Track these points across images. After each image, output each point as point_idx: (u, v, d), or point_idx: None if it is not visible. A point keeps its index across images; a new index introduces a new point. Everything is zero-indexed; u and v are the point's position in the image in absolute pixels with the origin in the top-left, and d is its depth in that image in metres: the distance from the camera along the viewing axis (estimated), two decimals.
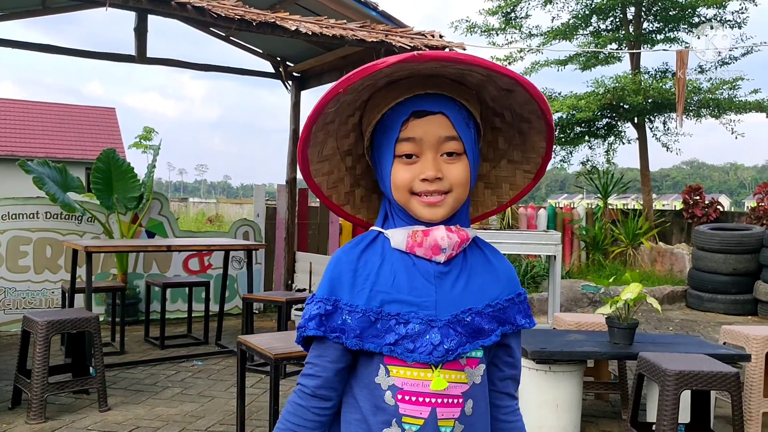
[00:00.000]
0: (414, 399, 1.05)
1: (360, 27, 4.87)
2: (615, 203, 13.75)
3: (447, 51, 0.92)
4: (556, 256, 5.11)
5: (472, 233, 1.11)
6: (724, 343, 3.83)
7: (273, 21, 4.31)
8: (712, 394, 3.17)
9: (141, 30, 5.61)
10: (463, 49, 4.99)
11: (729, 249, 7.92)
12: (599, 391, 4.14)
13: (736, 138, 11.29)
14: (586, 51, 11.89)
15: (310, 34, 4.37)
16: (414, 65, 0.98)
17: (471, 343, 1.07)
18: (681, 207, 10.64)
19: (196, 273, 6.79)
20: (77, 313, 3.94)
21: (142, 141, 21.00)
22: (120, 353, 5.18)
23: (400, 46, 4.74)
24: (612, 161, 12.39)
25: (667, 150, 12.02)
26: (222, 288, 5.71)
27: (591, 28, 12.18)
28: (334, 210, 1.20)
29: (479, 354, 1.10)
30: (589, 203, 13.99)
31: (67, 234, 6.19)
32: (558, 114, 11.09)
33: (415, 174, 1.05)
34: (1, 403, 3.87)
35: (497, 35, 12.57)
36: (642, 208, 11.01)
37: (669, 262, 9.46)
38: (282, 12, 4.77)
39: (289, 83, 7.04)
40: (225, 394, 4.21)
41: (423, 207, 1.06)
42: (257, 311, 6.89)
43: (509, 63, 12.29)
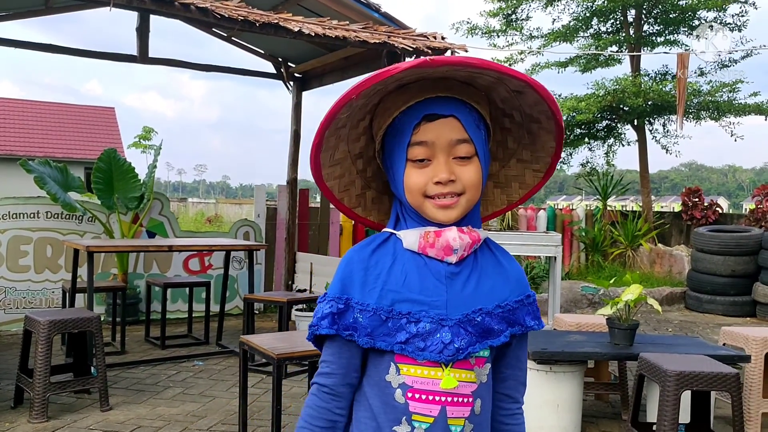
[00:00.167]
0: (424, 397, 1.06)
1: (362, 28, 4.88)
2: (614, 205, 13.78)
3: (457, 55, 0.92)
4: (556, 257, 5.12)
5: (483, 234, 1.12)
6: (723, 344, 3.84)
7: (276, 22, 4.32)
8: (712, 394, 3.19)
9: (143, 30, 5.62)
10: (466, 51, 5.01)
11: (728, 251, 7.94)
12: (599, 392, 4.15)
13: (735, 140, 11.33)
14: (586, 53, 11.92)
15: (313, 35, 4.38)
16: (425, 69, 0.99)
17: (480, 343, 1.08)
18: (680, 209, 10.67)
19: (196, 273, 6.79)
20: (79, 313, 3.95)
21: (141, 141, 21.00)
22: (120, 353, 5.18)
23: (402, 47, 4.75)
24: (612, 163, 12.42)
25: (667, 152, 12.06)
26: (223, 288, 5.71)
27: (591, 30, 12.22)
28: (345, 212, 1.20)
29: (486, 353, 1.11)
30: (588, 205, 14.02)
31: (68, 234, 6.19)
32: None
33: (429, 177, 1.05)
34: (3, 402, 3.88)
35: (498, 37, 12.62)
36: (641, 209, 11.03)
37: (668, 263, 9.48)
38: (284, 13, 4.78)
39: (291, 84, 7.05)
40: (226, 394, 4.21)
41: (437, 209, 1.06)
42: (257, 311, 6.89)
43: (510, 65, 12.31)
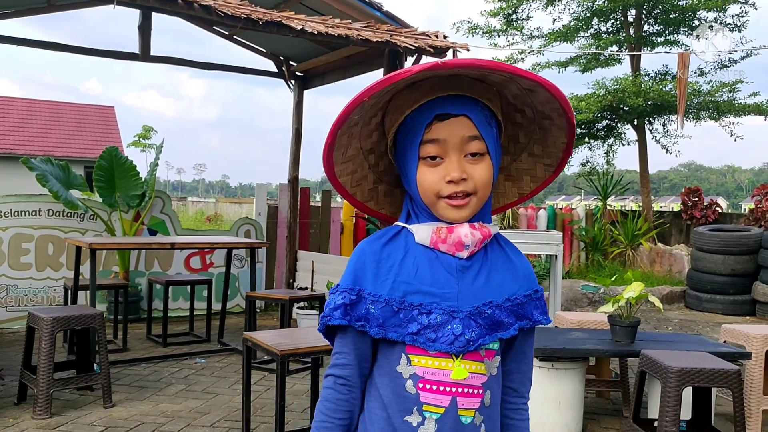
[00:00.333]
0: (435, 388, 1.07)
1: (365, 27, 4.89)
2: (613, 205, 13.80)
3: (463, 56, 0.93)
4: (557, 255, 5.14)
5: (494, 230, 1.14)
6: (724, 342, 3.86)
7: (279, 20, 4.33)
8: (713, 391, 3.21)
9: (145, 28, 5.63)
10: (468, 50, 5.03)
11: (728, 250, 7.97)
12: (601, 389, 4.17)
13: (735, 140, 11.36)
14: (586, 53, 11.94)
15: (315, 33, 4.39)
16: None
17: (490, 335, 1.10)
18: (679, 208, 10.69)
19: (197, 271, 6.80)
20: (82, 310, 3.96)
21: (141, 140, 20.94)
22: (122, 351, 5.19)
23: (404, 46, 4.76)
24: (612, 162, 12.44)
25: (667, 152, 12.09)
26: (225, 286, 5.72)
27: (592, 30, 12.25)
28: (358, 207, 1.22)
29: (496, 346, 1.13)
30: (588, 204, 14.05)
31: (69, 231, 6.20)
32: None
33: (441, 176, 1.07)
34: (7, 399, 3.89)
35: (499, 36, 12.64)
36: (641, 209, 11.06)
37: (668, 262, 9.50)
38: (287, 11, 4.79)
39: (292, 83, 7.05)
40: (229, 391, 4.23)
41: (449, 209, 1.08)
42: (258, 310, 6.90)
43: (510, 64, 12.32)
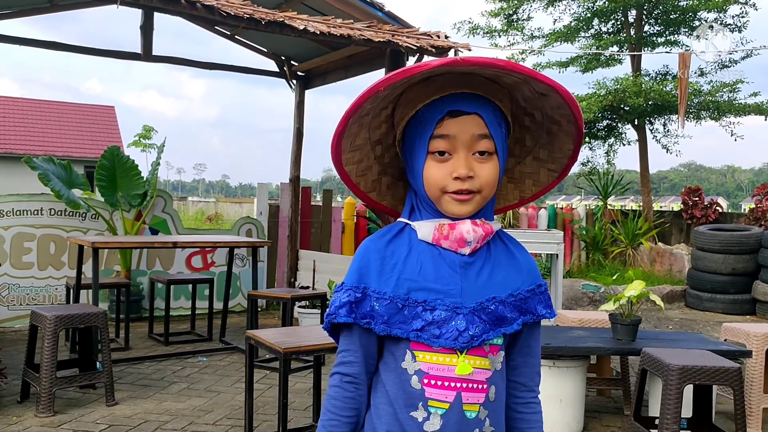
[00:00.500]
0: (440, 383, 1.08)
1: (367, 27, 4.90)
2: (614, 204, 13.82)
3: (472, 54, 0.95)
4: (558, 254, 5.16)
5: (496, 226, 1.15)
6: (725, 340, 3.88)
7: (281, 20, 4.35)
8: (714, 389, 3.22)
9: (147, 28, 5.63)
10: (469, 50, 5.04)
11: (728, 249, 7.98)
12: (602, 387, 4.18)
13: (735, 140, 11.37)
14: (587, 53, 11.95)
15: (318, 33, 4.40)
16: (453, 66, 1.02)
17: (494, 331, 1.11)
18: (680, 208, 10.71)
19: (198, 270, 6.82)
20: (85, 308, 3.97)
21: (141, 140, 20.98)
22: (124, 349, 5.21)
23: (406, 46, 4.78)
24: (612, 162, 12.46)
25: (667, 152, 12.10)
26: (226, 285, 5.74)
27: (592, 30, 12.26)
28: (360, 196, 1.23)
29: (500, 341, 1.14)
30: (588, 204, 14.05)
31: (71, 231, 6.21)
32: None
33: (448, 172, 1.08)
34: (10, 397, 3.90)
35: (499, 37, 12.65)
36: (641, 208, 11.07)
37: (668, 262, 9.52)
38: (289, 11, 4.81)
39: (294, 82, 7.07)
40: (231, 389, 4.25)
41: (453, 203, 1.09)
42: (260, 308, 6.92)
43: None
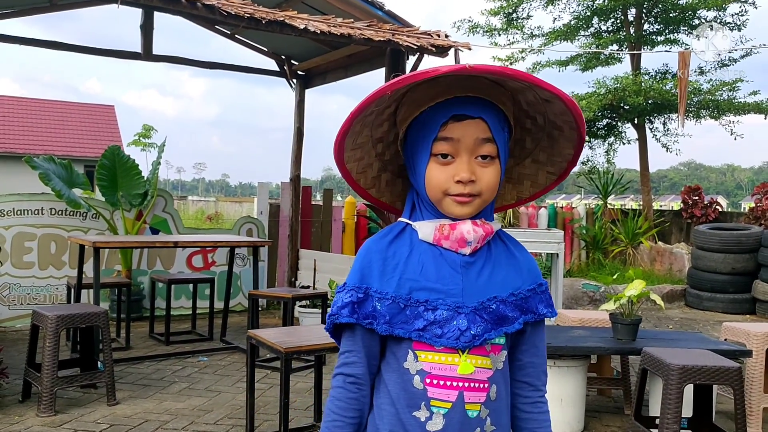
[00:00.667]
0: (442, 383, 1.09)
1: (367, 26, 4.90)
2: (614, 203, 13.82)
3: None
4: (558, 253, 5.16)
5: (496, 227, 1.16)
6: (725, 340, 3.88)
7: (282, 19, 4.35)
8: (714, 389, 3.23)
9: (147, 27, 5.63)
10: (470, 49, 5.05)
11: (728, 248, 7.99)
12: (602, 387, 4.19)
13: (735, 139, 11.37)
14: (587, 52, 11.95)
15: (318, 32, 4.40)
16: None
17: (496, 330, 1.12)
18: (680, 207, 10.71)
19: (199, 270, 6.82)
20: (87, 308, 3.98)
21: (141, 139, 20.95)
22: (125, 349, 5.21)
23: (406, 45, 4.78)
24: (612, 161, 12.46)
25: (667, 150, 12.10)
26: (227, 284, 5.75)
27: (592, 29, 12.26)
28: (360, 193, 1.23)
29: (502, 341, 1.14)
30: (588, 203, 14.05)
31: (72, 230, 6.22)
32: None
33: (450, 175, 1.08)
34: (12, 396, 3.91)
35: (499, 35, 12.65)
36: (641, 208, 11.08)
37: (668, 261, 9.52)
38: (289, 10, 4.81)
39: (294, 82, 7.07)
40: (232, 389, 4.25)
41: (454, 205, 1.10)
42: (260, 308, 6.93)
43: (511, 63, 12.34)
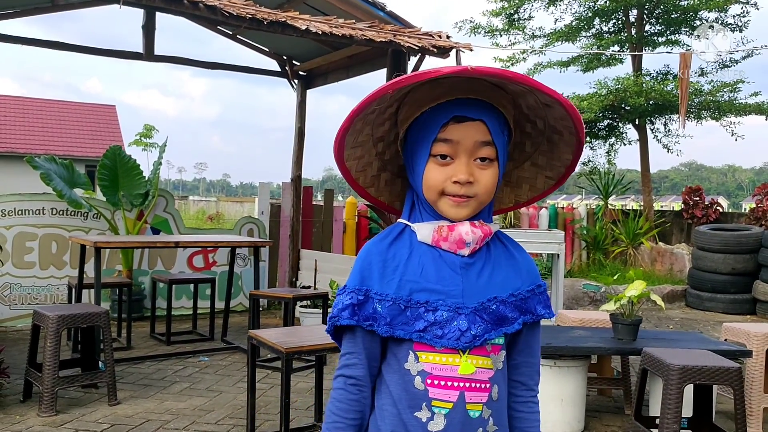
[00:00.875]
0: (443, 383, 1.10)
1: (369, 27, 4.91)
2: (614, 204, 13.82)
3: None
4: (559, 254, 5.17)
5: (494, 228, 1.16)
6: (725, 340, 3.88)
7: (284, 20, 4.36)
8: (714, 389, 3.23)
9: (149, 28, 5.64)
10: (471, 50, 5.06)
11: (728, 249, 7.99)
12: (602, 387, 4.19)
13: (736, 140, 11.37)
14: (588, 53, 11.96)
15: (320, 33, 4.41)
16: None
17: (496, 330, 1.13)
18: (680, 208, 10.71)
19: (200, 270, 6.83)
20: (88, 308, 3.99)
21: (142, 139, 20.95)
22: (126, 349, 5.22)
23: (408, 46, 4.79)
24: (613, 162, 12.46)
25: (668, 151, 12.11)
26: (228, 284, 5.75)
27: (593, 30, 12.26)
28: (359, 191, 1.24)
29: (501, 341, 1.15)
30: (589, 204, 14.06)
31: (73, 230, 6.22)
32: None
33: (448, 175, 1.09)
34: (13, 396, 3.92)
35: (501, 36, 12.64)
36: (642, 208, 11.08)
37: (669, 261, 9.53)
38: (291, 11, 4.81)
39: (295, 82, 7.07)
40: (233, 389, 4.26)
41: (450, 206, 1.11)
42: (261, 308, 6.93)
43: (512, 64, 12.35)
